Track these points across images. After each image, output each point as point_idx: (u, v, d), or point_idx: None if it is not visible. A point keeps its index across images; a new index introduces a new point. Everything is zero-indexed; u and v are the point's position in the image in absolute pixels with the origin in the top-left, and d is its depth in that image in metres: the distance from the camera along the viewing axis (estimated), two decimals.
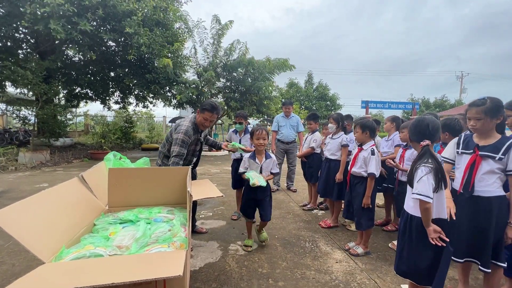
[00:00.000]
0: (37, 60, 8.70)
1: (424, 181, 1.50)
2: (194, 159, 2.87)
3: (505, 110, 2.01)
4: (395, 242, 2.60)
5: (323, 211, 4.00)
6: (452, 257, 1.78)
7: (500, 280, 1.85)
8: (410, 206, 1.66)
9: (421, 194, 1.49)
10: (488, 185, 1.73)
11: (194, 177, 3.00)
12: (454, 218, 1.72)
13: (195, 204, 3.06)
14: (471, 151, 1.81)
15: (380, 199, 3.96)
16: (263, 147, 2.71)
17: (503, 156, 1.68)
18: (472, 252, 1.80)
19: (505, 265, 1.76)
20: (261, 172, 2.70)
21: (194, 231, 3.10)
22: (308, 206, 4.08)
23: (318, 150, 3.96)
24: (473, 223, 1.78)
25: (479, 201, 1.76)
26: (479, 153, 1.76)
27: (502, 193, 1.73)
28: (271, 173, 2.77)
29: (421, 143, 1.61)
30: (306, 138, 4.07)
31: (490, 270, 1.74)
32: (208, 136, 3.12)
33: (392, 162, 2.68)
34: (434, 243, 1.52)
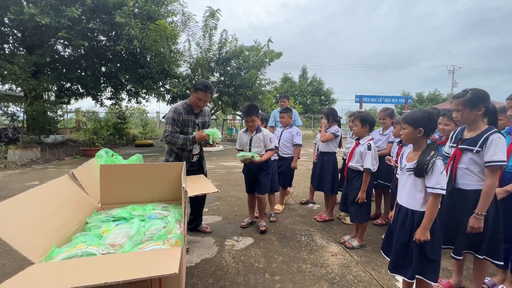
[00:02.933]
0: (25, 54, 8.43)
1: (444, 175, 1.52)
2: (196, 147, 2.74)
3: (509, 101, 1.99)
4: None
5: (318, 205, 4.03)
6: None
7: (486, 273, 1.90)
8: (417, 201, 1.62)
9: (443, 188, 1.51)
10: (468, 178, 1.75)
11: (201, 171, 2.87)
12: None
13: (202, 200, 2.97)
14: (455, 144, 1.84)
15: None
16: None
17: (480, 149, 1.68)
18: (447, 239, 1.83)
19: (481, 257, 1.76)
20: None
21: (198, 230, 3.00)
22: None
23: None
24: (451, 213, 1.82)
25: (459, 193, 1.79)
26: (459, 146, 1.80)
27: (482, 187, 1.72)
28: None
29: (433, 136, 1.62)
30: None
31: (461, 258, 1.80)
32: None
33: (391, 161, 2.70)
34: (420, 241, 1.56)
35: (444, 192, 1.52)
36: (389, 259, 1.80)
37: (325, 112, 3.49)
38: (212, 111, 13.17)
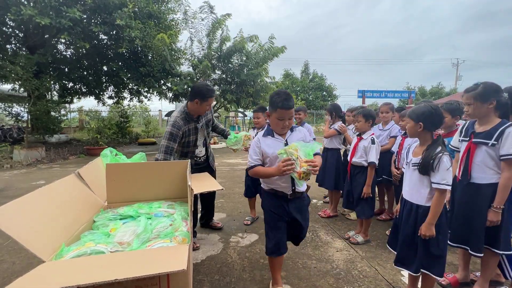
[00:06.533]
0: (26, 54, 8.46)
1: (450, 171, 1.51)
2: (201, 150, 2.71)
3: None
4: None
5: (322, 202, 4.03)
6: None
7: (495, 266, 1.87)
8: (422, 196, 1.62)
9: (449, 184, 1.51)
10: (484, 172, 1.73)
11: (209, 169, 2.83)
12: (448, 207, 1.74)
13: (212, 195, 3.02)
14: (468, 138, 1.82)
15: None
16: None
17: (495, 142, 1.66)
18: (462, 238, 1.83)
19: (500, 252, 1.74)
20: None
21: (209, 225, 3.05)
22: None
23: None
24: (466, 209, 1.80)
25: (475, 188, 1.77)
26: (473, 140, 1.77)
27: (498, 180, 1.71)
28: None
29: (437, 131, 1.61)
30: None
31: (482, 254, 1.76)
32: (216, 123, 2.94)
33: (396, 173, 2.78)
34: (425, 236, 1.56)
35: (449, 187, 1.51)
36: (395, 253, 1.81)
37: (328, 109, 3.50)
38: (215, 109, 13.19)
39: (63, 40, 9.74)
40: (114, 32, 8.97)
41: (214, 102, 12.39)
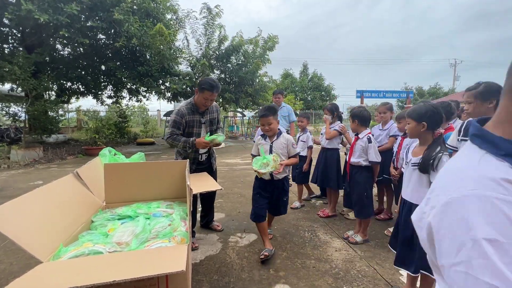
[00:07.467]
0: (24, 54, 8.42)
1: None
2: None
3: None
4: (391, 229, 2.65)
5: (321, 201, 4.03)
6: None
7: None
8: (421, 196, 1.61)
9: None
10: None
11: (210, 169, 2.76)
12: None
13: (212, 195, 2.99)
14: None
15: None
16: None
17: None
18: None
19: None
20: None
21: (209, 227, 3.03)
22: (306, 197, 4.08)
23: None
24: None
25: None
26: None
27: None
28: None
29: (438, 130, 1.62)
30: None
31: None
32: (219, 131, 2.77)
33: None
34: None
35: None
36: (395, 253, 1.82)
37: (329, 108, 3.48)
38: None
39: (61, 39, 9.71)
40: (112, 31, 8.97)
41: None
